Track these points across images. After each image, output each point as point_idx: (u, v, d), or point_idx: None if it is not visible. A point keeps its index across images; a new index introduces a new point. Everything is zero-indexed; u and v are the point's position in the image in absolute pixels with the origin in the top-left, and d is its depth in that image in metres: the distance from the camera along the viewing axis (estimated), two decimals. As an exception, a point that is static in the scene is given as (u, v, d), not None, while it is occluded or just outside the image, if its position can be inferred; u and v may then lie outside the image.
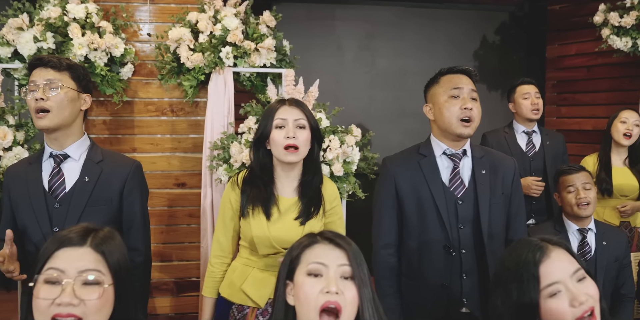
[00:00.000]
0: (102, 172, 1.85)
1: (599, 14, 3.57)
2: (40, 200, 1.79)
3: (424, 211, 1.93)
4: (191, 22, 2.99)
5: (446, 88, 1.93)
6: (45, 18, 2.81)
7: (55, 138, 1.83)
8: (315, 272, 1.21)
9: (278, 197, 1.88)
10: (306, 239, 1.29)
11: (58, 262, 1.16)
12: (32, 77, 1.81)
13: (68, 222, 1.76)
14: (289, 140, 1.82)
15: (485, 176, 1.96)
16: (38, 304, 1.13)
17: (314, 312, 1.17)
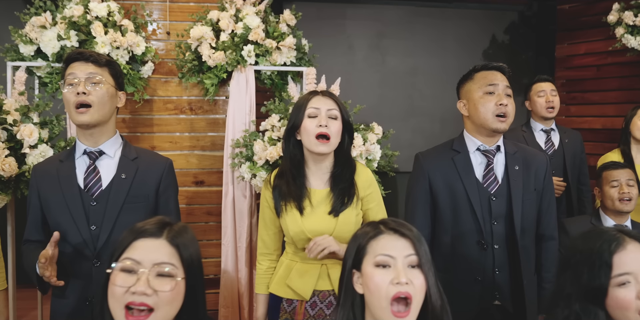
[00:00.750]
0: (138, 169, 1.82)
1: (613, 13, 3.60)
2: (75, 198, 1.74)
3: (458, 207, 1.95)
4: (212, 20, 3.00)
5: (481, 84, 1.95)
6: (68, 16, 2.82)
7: (91, 134, 1.79)
8: (384, 263, 1.24)
9: (309, 190, 1.90)
10: (371, 229, 1.30)
11: (135, 253, 1.19)
12: (71, 70, 1.76)
13: (106, 220, 1.74)
14: (321, 129, 1.82)
15: (519, 172, 1.99)
16: (114, 290, 1.16)
17: (385, 301, 1.21)
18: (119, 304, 1.15)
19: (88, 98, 1.72)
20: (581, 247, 1.36)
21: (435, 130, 4.90)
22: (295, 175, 1.89)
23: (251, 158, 2.81)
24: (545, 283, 2.03)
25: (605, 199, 2.58)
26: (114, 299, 1.16)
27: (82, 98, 1.71)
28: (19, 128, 2.59)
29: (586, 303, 1.32)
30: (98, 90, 1.74)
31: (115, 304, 1.16)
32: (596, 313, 1.31)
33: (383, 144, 2.98)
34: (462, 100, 2.04)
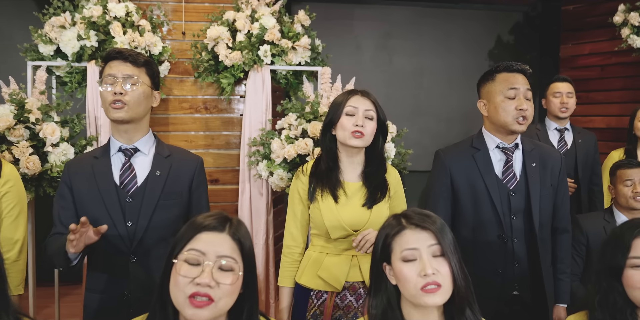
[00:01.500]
0: (171, 166, 1.85)
1: (619, 14, 3.67)
2: (112, 194, 1.76)
3: (479, 202, 2.01)
4: (229, 21, 3.04)
5: (502, 87, 1.99)
6: (87, 17, 2.86)
7: (125, 131, 1.81)
8: (410, 257, 1.30)
9: (343, 182, 1.96)
10: (393, 226, 1.36)
11: (200, 245, 1.22)
12: (110, 69, 1.79)
13: (142, 216, 1.75)
14: (356, 128, 1.89)
15: (536, 169, 2.05)
16: (178, 280, 1.20)
17: (415, 291, 1.28)
18: (183, 293, 1.19)
19: (124, 98, 1.75)
20: (614, 232, 1.56)
21: (441, 129, 4.96)
22: (331, 167, 1.96)
23: (268, 156, 2.86)
24: (560, 274, 2.10)
25: (619, 196, 2.64)
26: (178, 288, 1.20)
27: (118, 98, 1.74)
28: (41, 127, 2.63)
29: (610, 280, 1.49)
30: (134, 90, 1.77)
31: (179, 293, 1.20)
32: (618, 289, 1.48)
33: (396, 143, 3.03)
34: (483, 100, 2.08)
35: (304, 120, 2.82)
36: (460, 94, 4.96)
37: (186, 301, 1.19)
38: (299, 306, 2.00)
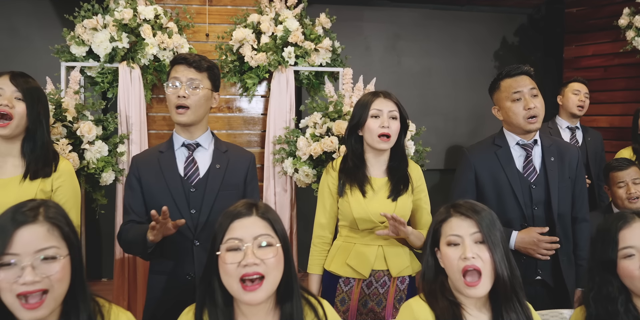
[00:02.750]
0: (229, 160, 2.01)
1: (623, 17, 3.81)
2: (177, 185, 1.93)
3: (502, 195, 2.16)
4: (254, 23, 3.16)
5: (507, 93, 2.17)
6: (119, 19, 2.97)
7: (188, 129, 1.99)
8: (454, 242, 1.43)
9: (370, 178, 2.10)
10: (442, 214, 1.50)
11: (235, 232, 1.35)
12: (175, 73, 1.95)
13: (204, 205, 1.92)
14: (383, 130, 2.03)
15: (554, 163, 2.19)
16: (227, 268, 1.32)
17: (458, 274, 1.41)
18: (234, 278, 1.31)
19: (186, 101, 1.92)
20: (600, 228, 1.61)
21: (448, 129, 5.09)
22: (358, 165, 2.10)
23: (294, 154, 2.97)
24: (579, 260, 2.25)
25: (615, 198, 2.75)
26: (229, 275, 1.32)
27: (182, 101, 1.91)
28: (78, 125, 2.73)
29: (603, 274, 1.55)
30: (197, 94, 1.93)
31: (231, 280, 1.31)
32: (612, 283, 1.53)
33: (415, 141, 3.15)
34: (496, 106, 2.25)
35: (328, 119, 2.94)
36: (466, 94, 5.09)
37: (239, 287, 1.31)
38: (328, 292, 2.14)
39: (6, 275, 1.19)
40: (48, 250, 1.23)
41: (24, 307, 1.19)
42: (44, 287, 1.21)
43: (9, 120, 1.83)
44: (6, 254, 1.20)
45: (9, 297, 1.19)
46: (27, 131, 1.91)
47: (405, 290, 2.11)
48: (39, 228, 1.24)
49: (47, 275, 1.21)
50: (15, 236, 1.21)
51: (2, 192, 1.84)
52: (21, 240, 1.22)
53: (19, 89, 1.88)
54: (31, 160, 1.89)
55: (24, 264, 1.20)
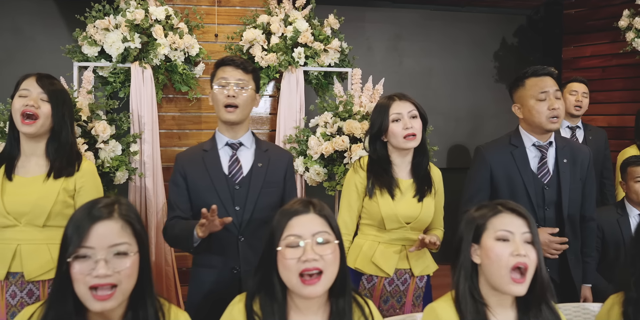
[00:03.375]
0: (270, 159, 2.07)
1: (624, 18, 3.89)
2: (222, 183, 1.99)
3: (516, 195, 2.21)
4: (264, 24, 3.20)
5: (533, 92, 2.20)
6: (131, 20, 2.99)
7: (232, 129, 2.05)
8: (504, 238, 1.44)
9: (397, 180, 2.14)
10: (490, 209, 1.50)
11: (294, 230, 1.39)
12: (223, 73, 2.01)
13: (248, 202, 1.99)
14: (408, 131, 2.08)
15: (567, 165, 2.25)
16: (287, 263, 1.36)
17: (505, 270, 1.41)
18: (294, 273, 1.35)
19: (236, 101, 1.98)
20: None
21: (449, 128, 5.14)
22: (386, 169, 2.14)
23: (304, 153, 3.01)
24: (586, 257, 2.33)
25: (630, 192, 2.83)
26: (288, 270, 1.36)
27: (231, 100, 1.97)
28: (93, 124, 2.76)
29: None
30: (244, 94, 1.99)
31: (290, 274, 1.36)
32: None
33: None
34: (517, 104, 2.28)
35: (339, 118, 2.98)
36: (466, 93, 5.15)
37: (299, 281, 1.35)
38: None
39: (81, 268, 1.25)
40: (121, 246, 1.28)
41: (94, 298, 1.25)
42: (114, 282, 1.26)
43: (34, 120, 1.86)
44: (82, 247, 1.25)
45: (82, 288, 1.25)
46: (52, 132, 1.94)
47: (423, 288, 2.17)
48: (113, 224, 1.29)
49: (118, 271, 1.26)
50: (92, 231, 1.27)
51: (26, 190, 1.87)
52: (97, 234, 1.27)
53: (45, 91, 1.91)
54: (55, 159, 1.93)
55: (98, 257, 1.25)
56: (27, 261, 1.82)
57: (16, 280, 1.82)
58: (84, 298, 1.26)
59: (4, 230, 1.83)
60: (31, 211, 1.84)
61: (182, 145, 3.50)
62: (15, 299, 1.83)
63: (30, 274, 1.82)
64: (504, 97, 5.19)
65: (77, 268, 1.25)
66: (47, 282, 1.85)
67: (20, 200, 1.84)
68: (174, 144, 3.48)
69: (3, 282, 1.82)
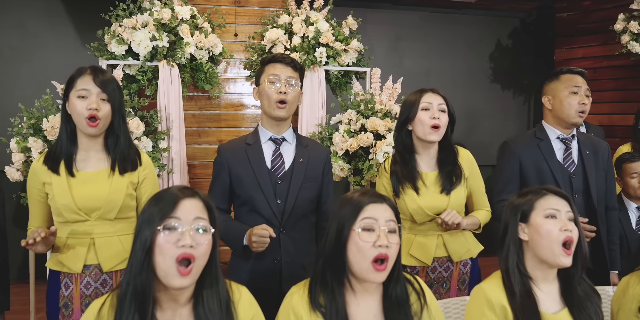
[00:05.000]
0: (310, 155, 2.14)
1: (619, 22, 4.10)
2: (265, 177, 2.04)
3: (545, 184, 2.33)
4: (286, 24, 3.29)
5: (567, 85, 2.37)
6: (158, 19, 3.05)
7: (278, 124, 2.10)
8: (552, 215, 1.60)
9: (421, 173, 2.22)
10: (536, 193, 1.65)
11: (370, 214, 1.49)
12: (274, 71, 2.06)
13: (290, 196, 2.04)
14: (434, 121, 2.15)
15: (590, 156, 2.42)
16: (362, 246, 1.45)
17: (555, 243, 1.57)
18: (368, 258, 1.45)
19: (287, 97, 2.04)
20: None
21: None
22: (407, 160, 2.22)
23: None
24: (611, 245, 2.48)
25: (627, 187, 3.01)
26: (363, 254, 1.45)
27: (282, 97, 2.03)
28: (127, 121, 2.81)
29: None
30: (294, 90, 2.07)
31: (364, 259, 1.45)
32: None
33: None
34: (547, 96, 2.43)
35: (362, 116, 3.10)
36: (463, 93, 5.32)
37: (370, 266, 1.45)
38: None
39: (167, 238, 1.31)
40: (203, 220, 1.36)
41: (179, 272, 1.30)
42: (193, 253, 1.32)
43: (97, 121, 1.87)
44: (171, 217, 1.32)
45: (168, 260, 1.30)
46: (110, 127, 1.94)
47: (468, 273, 2.26)
48: (197, 202, 1.37)
49: (199, 244, 1.33)
50: (179, 204, 1.34)
51: (93, 185, 1.89)
52: (184, 207, 1.34)
53: (104, 90, 1.88)
54: (117, 155, 1.94)
55: (184, 228, 1.32)
56: (101, 254, 1.87)
57: (90, 272, 1.87)
58: (165, 272, 1.30)
59: (75, 225, 1.87)
60: (103, 206, 1.88)
61: (202, 143, 3.57)
62: (90, 289, 1.87)
63: (106, 266, 1.88)
64: (499, 96, 5.44)
65: (164, 239, 1.30)
66: (119, 272, 1.91)
67: (91, 196, 1.87)
68: (194, 142, 3.54)
69: (77, 275, 1.87)
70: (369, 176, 3.04)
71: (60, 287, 1.88)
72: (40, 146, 2.69)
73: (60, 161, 1.91)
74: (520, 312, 1.55)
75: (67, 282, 1.87)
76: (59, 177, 1.87)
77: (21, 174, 2.76)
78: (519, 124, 5.54)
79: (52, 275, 1.91)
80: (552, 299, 1.62)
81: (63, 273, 1.88)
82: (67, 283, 1.87)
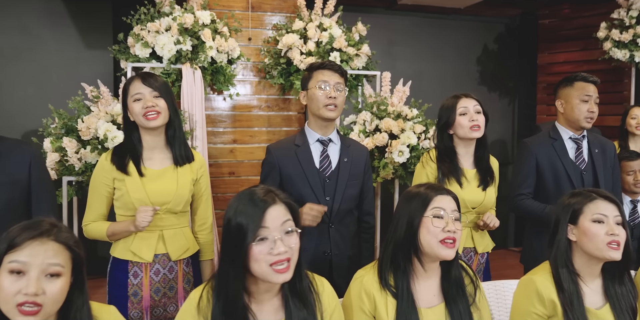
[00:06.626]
0: (352, 154, 2.31)
1: (602, 30, 4.41)
2: (314, 176, 2.21)
3: (559, 180, 2.59)
4: (301, 29, 3.45)
5: (580, 93, 2.61)
6: (181, 23, 3.17)
7: (326, 126, 2.27)
8: (599, 220, 1.75)
9: (463, 170, 2.44)
10: (586, 196, 1.80)
11: (439, 204, 1.67)
12: (323, 76, 2.22)
13: (337, 193, 2.20)
14: (474, 122, 2.37)
15: (599, 154, 2.67)
16: (433, 230, 1.63)
17: (602, 245, 1.72)
18: (436, 240, 1.62)
19: (336, 101, 2.21)
20: None
21: (436, 127, 5.55)
22: (452, 159, 2.43)
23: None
24: None
25: (623, 183, 3.28)
26: (435, 237, 1.62)
27: (332, 101, 2.20)
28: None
29: None
30: (341, 95, 2.24)
31: (434, 241, 1.62)
32: None
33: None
34: (561, 100, 2.67)
35: (376, 117, 3.29)
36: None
37: (439, 246, 1.64)
38: None
39: (261, 249, 1.41)
40: (289, 222, 1.47)
41: (276, 272, 1.41)
42: (289, 256, 1.44)
43: (157, 114, 2.00)
44: (262, 227, 1.42)
45: (263, 266, 1.41)
46: (169, 122, 2.07)
47: (484, 264, 2.48)
48: (279, 207, 1.47)
49: (290, 247, 1.44)
50: (267, 213, 1.43)
51: (163, 181, 2.04)
52: (271, 216, 1.44)
53: (154, 88, 2.02)
54: (174, 145, 2.08)
55: (276, 237, 1.42)
56: (169, 244, 2.03)
57: (159, 259, 2.02)
58: (264, 275, 1.41)
59: None
60: (172, 200, 2.02)
61: (216, 143, 3.70)
62: (159, 275, 2.02)
63: (174, 255, 2.04)
64: (485, 98, 5.69)
65: (257, 249, 1.40)
66: (183, 261, 2.08)
67: (162, 191, 2.01)
68: (210, 141, 3.66)
69: (147, 263, 2.00)
70: (384, 174, 3.23)
71: (128, 276, 2.01)
72: (75, 146, 2.79)
73: (127, 160, 2.04)
74: (569, 307, 1.71)
75: (137, 270, 2.01)
76: (129, 174, 2.01)
77: (55, 173, 2.85)
78: (504, 125, 5.82)
79: (119, 265, 2.03)
80: (596, 294, 1.78)
81: (132, 262, 2.01)
82: (137, 272, 2.01)
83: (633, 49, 4.28)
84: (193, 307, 1.46)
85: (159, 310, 2.04)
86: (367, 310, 1.67)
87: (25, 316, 1.22)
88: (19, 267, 1.23)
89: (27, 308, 1.22)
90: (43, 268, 1.25)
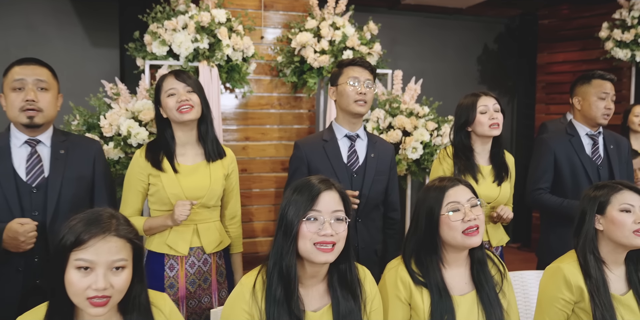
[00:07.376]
0: (379, 150, 2.36)
1: (603, 30, 4.51)
2: (342, 171, 2.25)
3: (577, 174, 2.67)
4: (314, 28, 3.50)
5: (597, 91, 2.68)
6: (199, 21, 3.20)
7: (355, 122, 2.31)
8: (627, 209, 1.83)
9: (479, 166, 2.50)
10: (613, 188, 1.87)
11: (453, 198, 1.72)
12: (354, 73, 2.26)
13: (364, 187, 2.25)
14: (493, 121, 2.44)
15: (614, 150, 2.75)
16: (453, 225, 1.68)
17: (629, 233, 1.80)
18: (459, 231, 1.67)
19: (365, 97, 2.25)
20: None
21: (438, 125, 5.64)
22: (469, 156, 2.49)
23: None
24: None
25: None
26: (455, 230, 1.68)
27: (362, 97, 2.24)
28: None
29: None
30: (371, 91, 2.28)
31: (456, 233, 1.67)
32: None
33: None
34: (578, 97, 2.74)
35: (389, 115, 3.34)
36: (454, 93, 5.60)
37: (463, 236, 1.69)
38: None
39: (309, 228, 1.50)
40: (340, 212, 1.54)
41: (319, 250, 1.49)
42: (334, 241, 1.51)
43: (191, 108, 2.05)
44: (313, 210, 1.51)
45: (308, 244, 1.49)
46: (201, 116, 2.13)
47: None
48: (334, 194, 1.55)
49: (337, 232, 1.51)
50: (320, 197, 1.52)
51: (196, 176, 2.08)
52: (324, 201, 1.52)
53: (188, 84, 2.08)
54: (207, 141, 2.13)
55: (325, 220, 1.51)
56: (204, 237, 2.07)
57: (194, 252, 2.06)
58: (308, 253, 1.50)
59: None
60: (206, 195, 2.07)
61: (228, 140, 3.73)
62: (194, 268, 2.06)
63: (208, 248, 2.08)
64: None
65: (306, 227, 1.50)
66: (216, 254, 2.12)
67: (196, 186, 2.06)
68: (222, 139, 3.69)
69: (183, 256, 2.04)
70: (398, 170, 3.28)
71: (164, 268, 2.05)
72: (98, 143, 2.81)
73: (160, 156, 2.09)
74: (596, 293, 1.79)
75: (173, 263, 2.05)
76: (164, 170, 2.05)
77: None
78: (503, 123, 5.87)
79: (155, 258, 2.07)
80: (620, 281, 1.86)
81: (168, 256, 2.05)
82: (172, 264, 2.05)
83: (634, 49, 4.38)
84: (247, 290, 1.52)
85: (194, 302, 2.08)
86: (403, 297, 1.72)
87: (96, 307, 1.29)
88: (86, 265, 1.29)
89: (98, 300, 1.29)
90: (109, 264, 1.31)
